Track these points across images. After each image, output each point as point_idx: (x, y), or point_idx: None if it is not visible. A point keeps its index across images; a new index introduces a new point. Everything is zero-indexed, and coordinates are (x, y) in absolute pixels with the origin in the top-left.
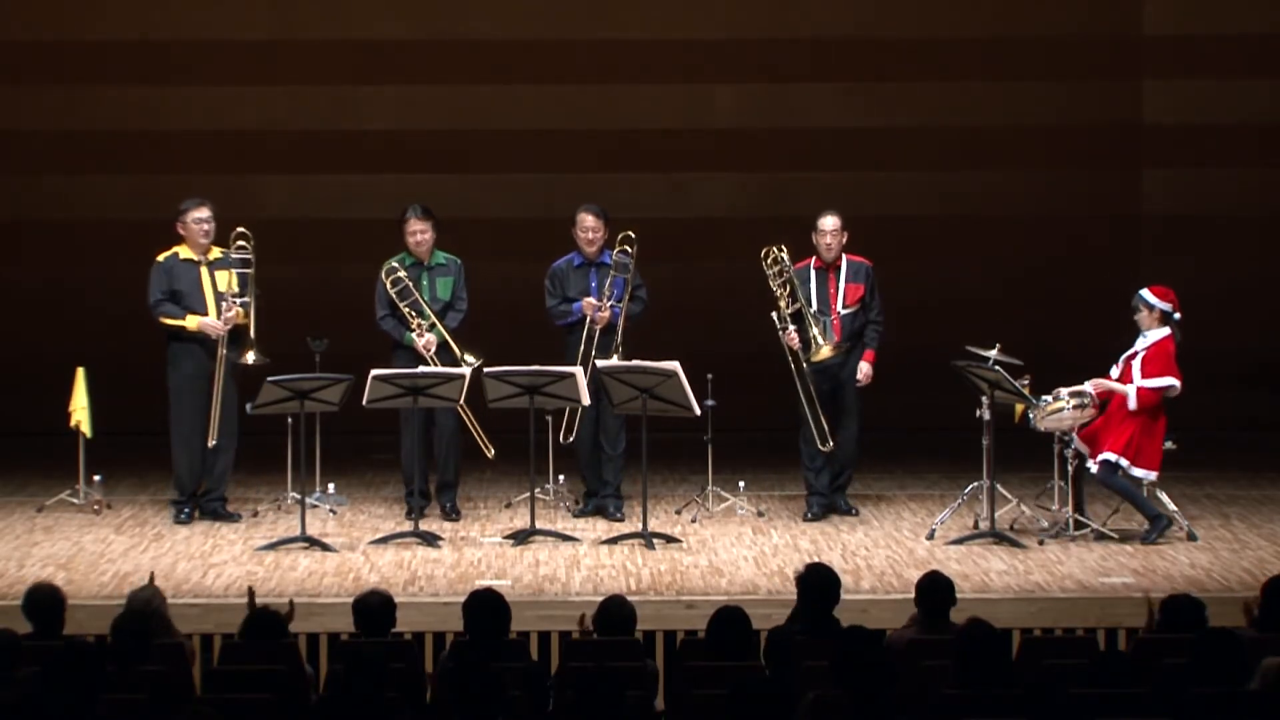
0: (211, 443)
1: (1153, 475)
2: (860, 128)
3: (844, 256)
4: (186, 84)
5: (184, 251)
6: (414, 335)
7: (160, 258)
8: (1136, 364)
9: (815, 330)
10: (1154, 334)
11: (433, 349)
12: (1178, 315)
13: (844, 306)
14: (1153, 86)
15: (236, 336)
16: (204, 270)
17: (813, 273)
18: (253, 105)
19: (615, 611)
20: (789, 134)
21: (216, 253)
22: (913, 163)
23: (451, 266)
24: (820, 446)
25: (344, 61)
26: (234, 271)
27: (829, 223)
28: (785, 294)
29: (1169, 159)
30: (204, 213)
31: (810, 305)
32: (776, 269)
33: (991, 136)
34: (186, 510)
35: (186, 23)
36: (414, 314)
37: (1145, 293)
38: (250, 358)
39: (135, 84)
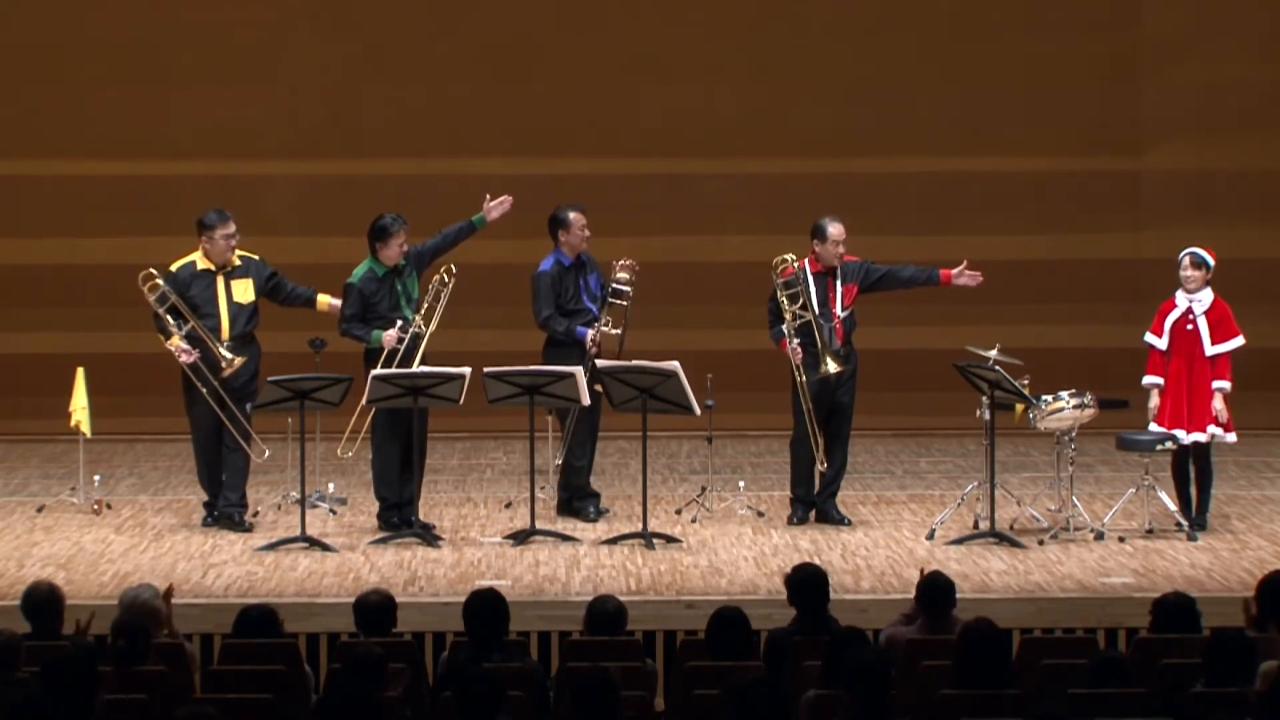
0: (262, 454)
1: (1232, 436)
2: (861, 126)
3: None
4: (187, 83)
5: (201, 261)
6: (380, 333)
7: (174, 267)
8: (1204, 328)
9: (823, 347)
10: (1205, 295)
11: (404, 343)
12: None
13: (843, 309)
14: (1153, 82)
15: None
16: (220, 280)
17: (811, 277)
18: (253, 104)
19: (600, 610)
20: (790, 132)
21: (235, 260)
22: (913, 161)
23: (410, 263)
24: (818, 465)
25: (342, 61)
26: (251, 280)
27: (841, 231)
28: (795, 306)
29: (1170, 150)
30: (231, 228)
31: (814, 310)
32: (787, 279)
33: (992, 134)
34: (214, 514)
35: (187, 23)
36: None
37: (1201, 251)
38: (228, 356)
39: (136, 83)
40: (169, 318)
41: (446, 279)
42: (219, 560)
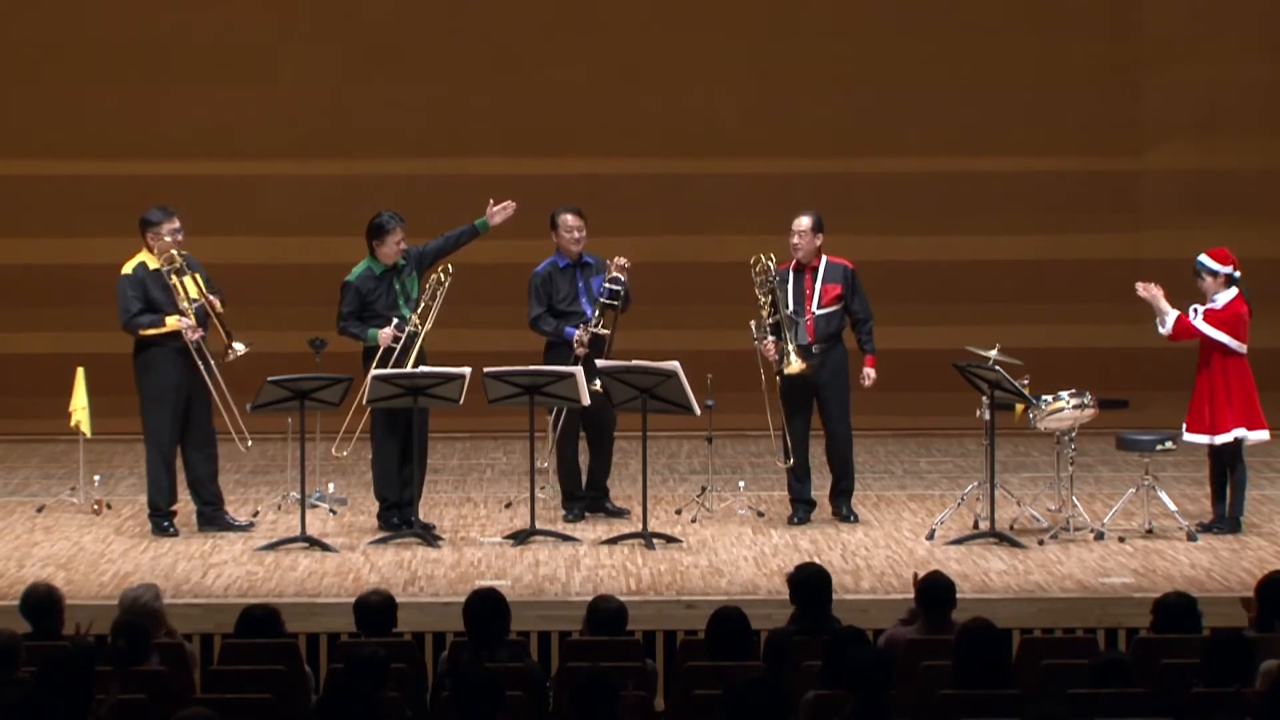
0: (246, 446)
1: (1266, 435)
2: (861, 126)
3: (822, 257)
4: (185, 83)
5: (151, 261)
6: (377, 332)
7: (127, 269)
8: (1204, 328)
9: (789, 345)
10: (1224, 296)
11: (400, 341)
12: (1238, 274)
13: (819, 307)
14: (1153, 82)
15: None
16: (174, 279)
17: (790, 273)
18: (252, 104)
19: (601, 610)
20: (790, 133)
21: (178, 260)
22: (913, 161)
23: (410, 263)
24: (779, 462)
25: (342, 61)
26: (197, 275)
27: (801, 223)
28: (768, 303)
29: (1170, 150)
30: (176, 223)
31: (787, 306)
32: (763, 277)
33: (992, 133)
34: (167, 522)
35: (186, 23)
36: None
37: (1204, 258)
38: (239, 348)
39: (136, 84)
40: (179, 288)
41: (443, 278)
42: (219, 560)
